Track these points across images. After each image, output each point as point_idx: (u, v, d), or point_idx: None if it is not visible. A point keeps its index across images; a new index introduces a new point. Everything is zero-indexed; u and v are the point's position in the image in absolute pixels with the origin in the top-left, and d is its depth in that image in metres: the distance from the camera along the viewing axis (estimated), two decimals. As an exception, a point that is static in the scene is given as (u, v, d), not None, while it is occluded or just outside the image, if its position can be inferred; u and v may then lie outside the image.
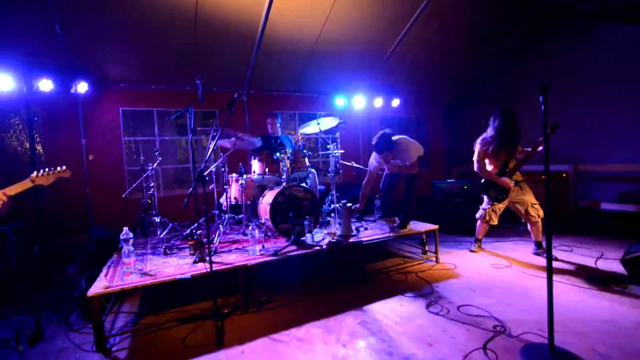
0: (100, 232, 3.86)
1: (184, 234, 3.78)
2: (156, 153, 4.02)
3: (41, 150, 4.38)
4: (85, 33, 3.87)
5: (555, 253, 3.95)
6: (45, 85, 4.00)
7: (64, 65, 4.07)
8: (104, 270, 2.86)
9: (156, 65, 4.61)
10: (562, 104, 5.17)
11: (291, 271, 3.64)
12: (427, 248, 4.15)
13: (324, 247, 3.25)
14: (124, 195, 3.99)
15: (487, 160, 3.89)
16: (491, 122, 3.78)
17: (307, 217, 3.34)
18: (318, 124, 4.02)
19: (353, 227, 3.77)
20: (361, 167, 4.59)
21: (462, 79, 6.70)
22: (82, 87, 4.16)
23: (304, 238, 3.35)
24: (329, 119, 4.06)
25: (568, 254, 3.97)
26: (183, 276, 2.61)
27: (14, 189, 1.83)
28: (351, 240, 3.44)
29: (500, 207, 3.99)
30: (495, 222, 4.04)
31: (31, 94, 4.03)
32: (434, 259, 3.95)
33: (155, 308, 3.01)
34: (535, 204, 3.84)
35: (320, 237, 3.57)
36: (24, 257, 3.68)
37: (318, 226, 3.97)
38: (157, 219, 3.87)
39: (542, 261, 3.77)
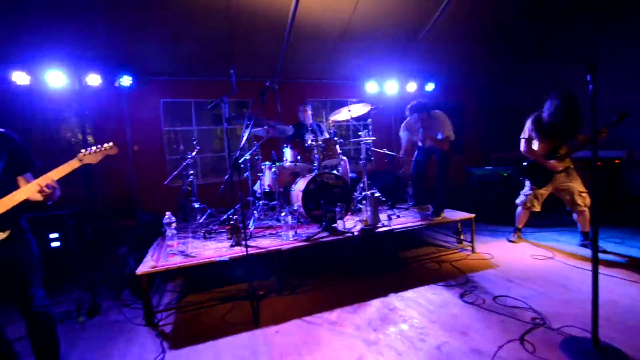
0: (146, 216, 4.12)
1: (222, 219, 3.96)
2: (194, 142, 4.20)
3: (92, 140, 4.73)
4: (127, 30, 4.07)
5: (604, 245, 3.70)
6: (93, 80, 4.29)
7: (109, 60, 4.33)
8: (150, 252, 3.08)
9: (193, 58, 4.77)
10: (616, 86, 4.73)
11: (324, 257, 3.71)
12: (462, 237, 4.05)
13: (356, 234, 3.27)
14: (165, 183, 4.22)
15: (535, 142, 3.67)
16: (549, 101, 3.47)
17: (338, 204, 3.36)
18: (349, 110, 3.98)
19: (385, 216, 3.75)
20: (393, 154, 4.52)
21: (503, 60, 6.30)
22: (125, 80, 4.41)
23: (335, 225, 3.38)
24: (360, 105, 4.01)
25: (618, 246, 3.71)
26: (221, 258, 2.75)
27: (61, 171, 1.74)
28: (383, 228, 3.42)
29: (543, 193, 3.78)
30: (537, 208, 3.83)
31: (81, 89, 4.34)
32: (470, 248, 3.84)
33: (196, 288, 3.21)
34: (583, 192, 3.59)
35: (352, 224, 3.59)
36: (79, 239, 4.04)
37: (350, 213, 3.99)
38: (197, 205, 4.07)
39: (588, 253, 3.55)
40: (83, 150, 1.87)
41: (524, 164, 3.79)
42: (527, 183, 3.87)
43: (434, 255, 3.75)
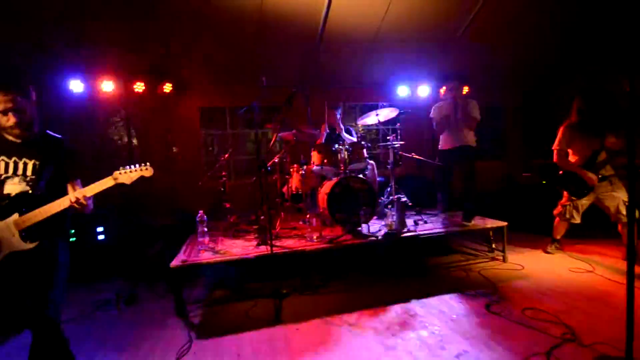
0: (181, 214, 4.39)
1: (250, 219, 4.11)
2: (227, 146, 4.41)
3: (136, 142, 5.12)
4: (167, 41, 4.38)
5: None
6: (139, 87, 4.65)
7: (153, 69, 4.67)
8: (183, 247, 3.28)
9: (227, 65, 5.02)
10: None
11: (348, 260, 3.74)
12: (494, 246, 3.90)
13: (380, 238, 3.27)
14: (200, 183, 4.46)
15: (570, 151, 3.50)
16: (574, 105, 3.37)
17: (362, 207, 3.38)
18: (377, 115, 4.00)
19: (411, 221, 3.72)
20: (422, 158, 4.44)
21: (546, 59, 5.97)
22: (167, 87, 4.75)
23: (359, 228, 3.41)
24: (388, 109, 4.01)
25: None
26: (247, 256, 2.88)
27: (94, 188, 1.74)
28: (408, 233, 3.40)
29: (584, 203, 3.55)
30: (577, 220, 3.61)
31: (127, 95, 4.72)
32: (501, 258, 3.70)
33: (224, 283, 3.37)
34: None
35: (377, 228, 3.59)
36: (122, 234, 4.38)
37: (375, 217, 3.99)
38: (227, 205, 4.26)
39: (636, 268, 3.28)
40: (121, 169, 1.83)
41: (560, 173, 3.59)
42: (565, 193, 3.66)
43: (461, 263, 3.65)
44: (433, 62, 5.53)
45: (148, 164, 1.90)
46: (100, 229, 4.04)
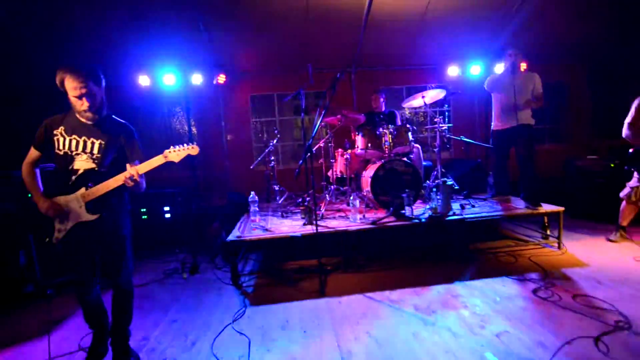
0: (235, 196, 4.75)
1: (298, 201, 4.34)
2: (275, 131, 4.65)
3: (195, 131, 5.59)
4: (221, 32, 4.66)
5: None
6: (196, 79, 5.05)
7: (208, 61, 5.03)
8: (238, 225, 3.59)
9: (275, 54, 5.22)
10: None
11: (392, 241, 3.82)
12: (548, 232, 3.72)
13: (423, 220, 3.30)
14: (251, 167, 4.79)
15: None
16: None
17: (406, 190, 3.41)
18: (423, 97, 3.93)
19: (457, 205, 3.67)
20: (471, 141, 4.29)
21: (613, 33, 5.33)
22: (221, 78, 5.09)
23: (403, 211, 3.45)
24: (436, 91, 3.91)
25: None
26: (295, 234, 3.09)
27: (147, 165, 1.90)
28: (453, 217, 3.37)
29: None
30: None
31: (187, 87, 5.15)
32: (556, 244, 3.52)
33: (274, 258, 3.65)
34: None
35: (421, 211, 3.61)
36: (185, 213, 4.87)
37: (421, 201, 3.99)
38: (277, 187, 4.54)
39: None
40: (170, 148, 1.97)
41: (630, 151, 3.29)
42: (635, 174, 3.36)
43: (511, 248, 3.54)
44: (486, 40, 5.21)
45: (195, 143, 2.04)
46: (166, 209, 4.55)
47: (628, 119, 3.29)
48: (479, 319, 2.25)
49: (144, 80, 4.93)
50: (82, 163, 1.87)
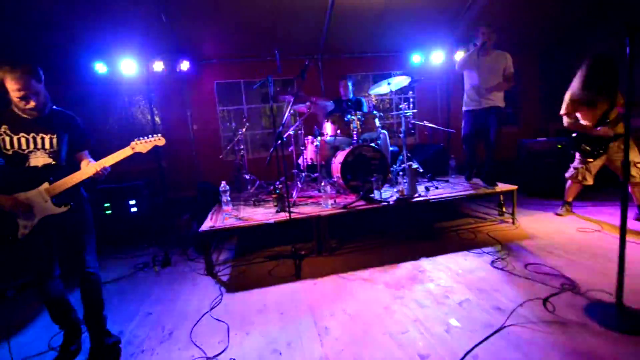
0: (204, 186, 4.67)
1: (269, 189, 4.36)
2: (244, 120, 4.60)
3: (159, 120, 5.39)
4: (184, 18, 4.48)
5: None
6: (158, 66, 4.84)
7: (170, 48, 4.83)
8: (209, 215, 3.57)
9: (241, 40, 5.10)
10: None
11: (362, 225, 3.97)
12: (504, 210, 4.02)
13: (391, 203, 3.45)
14: (220, 157, 4.72)
15: (579, 115, 3.50)
16: (580, 69, 3.34)
17: (375, 175, 3.54)
18: (389, 84, 4.05)
19: (422, 187, 3.86)
20: (434, 126, 4.50)
21: (563, 22, 5.74)
22: (184, 65, 4.91)
23: (372, 195, 3.58)
24: (401, 78, 4.05)
25: (684, 221, 3.44)
26: (268, 221, 3.13)
27: (115, 157, 1.95)
28: (419, 198, 3.55)
29: (596, 164, 3.60)
30: (589, 182, 3.66)
31: (148, 75, 4.93)
32: (511, 220, 3.82)
33: (248, 248, 3.68)
34: (639, 162, 3.35)
35: (389, 194, 3.76)
36: (152, 206, 4.73)
37: (388, 185, 4.15)
38: (247, 177, 4.52)
39: (641, 227, 3.36)
40: (135, 140, 2.04)
41: (573, 135, 3.61)
42: (577, 155, 3.70)
43: (471, 226, 3.80)
44: (447, 28, 5.41)
45: (160, 135, 2.10)
46: (132, 202, 4.39)
47: (562, 111, 3.54)
48: (443, 291, 2.44)
49: (101, 68, 4.66)
50: (39, 160, 1.87)
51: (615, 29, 5.28)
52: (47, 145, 1.89)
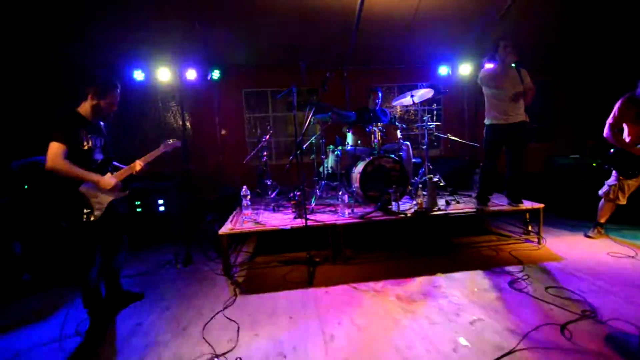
0: (228, 190, 4.85)
1: (289, 196, 4.44)
2: (268, 127, 4.74)
3: (189, 125, 5.66)
4: (216, 30, 4.73)
5: None
6: (191, 74, 5.12)
7: (203, 57, 5.09)
8: (230, 218, 3.70)
9: (269, 51, 5.30)
10: None
11: (379, 235, 3.95)
12: (530, 228, 3.86)
13: (409, 215, 3.42)
14: (244, 162, 4.88)
15: (625, 126, 3.34)
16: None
17: (393, 186, 3.53)
18: (412, 96, 4.05)
19: (442, 201, 3.80)
20: (457, 139, 4.43)
21: (598, 36, 5.47)
22: (215, 74, 5.16)
23: (390, 206, 3.57)
24: (424, 90, 4.03)
25: None
26: (284, 227, 3.21)
27: (149, 156, 2.45)
28: (438, 212, 3.50)
29: (632, 184, 3.41)
30: (622, 201, 3.47)
31: (181, 83, 5.21)
32: (536, 240, 3.67)
33: (265, 251, 3.77)
34: (681, 186, 3.14)
35: (407, 206, 3.73)
36: (179, 206, 4.95)
37: (408, 197, 4.11)
38: (269, 182, 4.63)
39: (684, 255, 3.12)
40: (166, 141, 2.55)
41: (611, 151, 3.45)
42: (614, 173, 3.52)
43: (493, 243, 3.69)
44: (475, 41, 5.32)
45: (176, 139, 2.63)
46: (161, 202, 4.62)
47: (610, 120, 3.40)
48: (456, 308, 2.39)
49: (138, 75, 4.99)
50: (99, 155, 2.36)
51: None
52: (102, 144, 2.40)
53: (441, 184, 4.18)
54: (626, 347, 1.85)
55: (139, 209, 4.57)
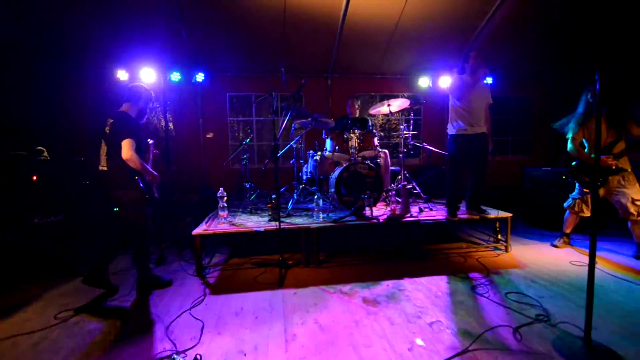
0: (209, 191, 4.86)
1: (268, 199, 4.49)
2: (249, 131, 4.80)
3: (172, 127, 5.67)
4: (201, 34, 4.80)
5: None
6: (175, 76, 5.16)
7: (187, 60, 5.15)
8: (206, 220, 3.73)
9: (254, 56, 5.38)
10: None
11: (353, 241, 4.03)
12: (499, 237, 3.99)
13: (381, 221, 3.51)
14: (224, 164, 4.92)
15: (586, 142, 3.51)
16: (584, 94, 3.36)
17: (367, 192, 3.62)
18: (389, 105, 4.17)
19: (416, 208, 3.90)
20: (432, 148, 4.56)
21: (575, 53, 5.75)
22: (199, 77, 5.21)
23: (364, 211, 3.65)
24: (401, 100, 4.16)
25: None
26: (258, 229, 3.25)
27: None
28: (409, 218, 3.60)
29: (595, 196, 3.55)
30: (586, 213, 3.62)
31: (165, 84, 5.24)
32: (504, 248, 3.79)
33: (240, 253, 3.80)
34: (638, 199, 3.29)
35: (381, 212, 3.82)
36: (159, 207, 4.93)
37: (384, 203, 4.21)
38: (247, 185, 4.68)
39: (638, 265, 3.28)
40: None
41: (573, 164, 3.60)
42: (577, 186, 3.67)
43: (462, 250, 3.80)
44: (454, 54, 5.52)
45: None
46: (139, 202, 4.60)
47: (570, 134, 3.58)
48: (417, 311, 2.46)
49: (122, 75, 5.00)
50: None
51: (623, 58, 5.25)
52: None
53: (415, 192, 4.29)
54: (571, 348, 1.95)
55: (116, 208, 4.54)
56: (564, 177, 4.94)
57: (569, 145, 3.57)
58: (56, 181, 3.74)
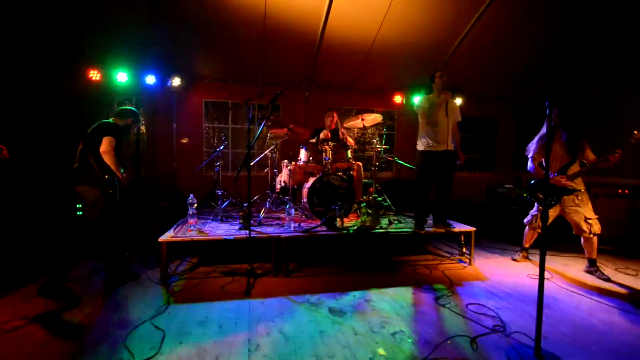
0: (180, 198, 4.76)
1: (240, 208, 4.46)
2: (223, 138, 4.78)
3: (144, 130, 5.54)
4: (177, 38, 4.77)
5: (616, 275, 3.60)
6: (150, 79, 5.07)
7: (164, 64, 5.08)
8: (174, 226, 3.65)
9: (232, 65, 5.40)
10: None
11: (324, 251, 4.05)
12: (464, 250, 4.14)
13: (351, 232, 3.57)
14: (196, 170, 4.85)
15: (543, 161, 3.73)
16: (546, 118, 3.60)
17: (338, 203, 3.68)
18: (362, 119, 4.29)
19: (386, 220, 3.99)
20: (402, 162, 4.71)
21: (540, 76, 6.16)
22: (175, 81, 5.15)
23: (335, 222, 3.70)
24: (374, 115, 4.30)
25: (630, 278, 3.59)
26: (227, 237, 3.22)
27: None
28: (378, 230, 3.68)
29: (552, 214, 3.78)
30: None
31: (140, 86, 5.14)
32: (468, 261, 3.94)
33: (208, 261, 3.73)
34: (591, 218, 3.52)
35: (352, 223, 3.89)
36: (127, 213, 4.77)
37: (355, 215, 4.28)
38: (219, 192, 4.62)
39: (591, 279, 3.49)
40: None
41: (531, 182, 3.82)
42: (536, 203, 3.89)
43: (429, 262, 3.91)
44: (426, 73, 5.75)
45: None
46: (104, 206, 4.44)
47: (531, 154, 3.81)
48: (381, 321, 2.51)
49: (94, 75, 4.86)
50: None
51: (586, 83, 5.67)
52: None
53: (385, 204, 4.39)
54: (522, 357, 2.05)
55: (79, 212, 4.36)
56: (524, 194, 5.22)
57: (529, 165, 3.80)
58: (14, 181, 3.55)
